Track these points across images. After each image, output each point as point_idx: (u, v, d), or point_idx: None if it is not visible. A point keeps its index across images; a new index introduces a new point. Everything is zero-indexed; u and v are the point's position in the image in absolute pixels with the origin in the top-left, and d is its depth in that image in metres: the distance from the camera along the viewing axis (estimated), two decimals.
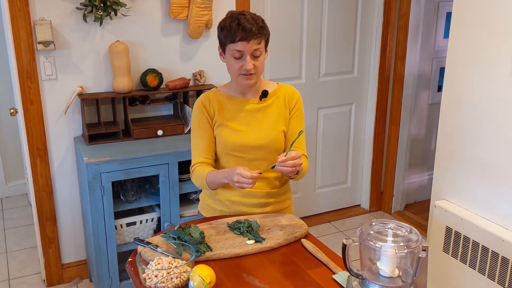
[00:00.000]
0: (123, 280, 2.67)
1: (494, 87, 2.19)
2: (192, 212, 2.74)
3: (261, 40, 1.77)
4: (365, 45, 3.59)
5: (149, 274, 1.40)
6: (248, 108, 1.90)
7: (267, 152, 1.89)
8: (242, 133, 1.88)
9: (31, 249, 3.34)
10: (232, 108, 1.90)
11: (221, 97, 1.92)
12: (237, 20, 1.74)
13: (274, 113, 1.91)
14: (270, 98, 1.91)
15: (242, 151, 1.88)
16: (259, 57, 1.79)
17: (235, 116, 1.89)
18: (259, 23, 1.77)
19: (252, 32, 1.73)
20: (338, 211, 3.89)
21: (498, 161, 2.21)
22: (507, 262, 2.13)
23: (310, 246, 1.64)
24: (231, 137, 1.88)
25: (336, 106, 3.62)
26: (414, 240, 1.31)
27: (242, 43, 1.74)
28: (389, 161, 3.82)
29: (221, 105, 1.91)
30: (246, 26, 1.72)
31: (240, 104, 1.90)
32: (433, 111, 3.82)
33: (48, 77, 2.65)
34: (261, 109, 1.90)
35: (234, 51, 1.76)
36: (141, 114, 2.92)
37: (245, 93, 1.91)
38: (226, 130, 1.89)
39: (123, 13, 2.70)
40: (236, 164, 1.89)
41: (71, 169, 2.84)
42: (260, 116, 1.90)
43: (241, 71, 1.79)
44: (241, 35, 1.73)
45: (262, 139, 1.88)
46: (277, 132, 1.90)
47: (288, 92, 1.94)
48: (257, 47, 1.76)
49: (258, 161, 1.89)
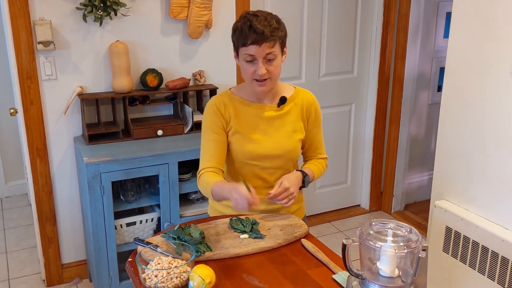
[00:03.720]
0: (123, 280, 2.67)
1: (494, 87, 2.19)
2: (192, 212, 2.74)
3: (274, 43, 1.67)
4: (365, 45, 3.59)
5: (149, 274, 1.40)
6: (265, 116, 1.82)
7: (283, 161, 1.85)
8: (258, 142, 1.81)
9: (31, 249, 3.34)
10: (249, 115, 1.82)
11: (236, 102, 1.83)
12: (249, 22, 1.65)
13: (291, 121, 1.84)
14: (288, 105, 1.84)
15: (257, 160, 1.83)
16: (273, 61, 1.70)
17: (251, 124, 1.82)
18: (273, 24, 1.66)
19: (264, 35, 1.63)
20: (338, 211, 3.89)
21: (498, 161, 2.21)
22: (507, 262, 2.13)
23: (310, 246, 1.64)
24: (247, 146, 1.81)
25: (336, 106, 3.62)
26: (414, 240, 1.31)
27: (254, 46, 1.65)
28: (389, 161, 3.82)
29: (237, 111, 1.82)
30: (257, 29, 1.63)
31: (257, 110, 1.82)
32: (433, 111, 3.82)
33: (48, 77, 2.65)
34: (279, 116, 1.83)
35: (246, 55, 1.68)
36: (141, 114, 2.92)
37: (262, 99, 1.83)
38: (242, 138, 1.81)
39: (123, 13, 2.70)
40: (250, 172, 1.85)
41: (71, 169, 2.84)
42: (277, 124, 1.83)
43: (255, 76, 1.70)
44: (253, 38, 1.63)
45: (279, 149, 1.82)
46: (294, 142, 1.85)
47: (306, 100, 1.87)
48: (270, 50, 1.66)
49: (273, 169, 1.85)
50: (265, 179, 1.87)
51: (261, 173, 1.86)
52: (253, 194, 1.58)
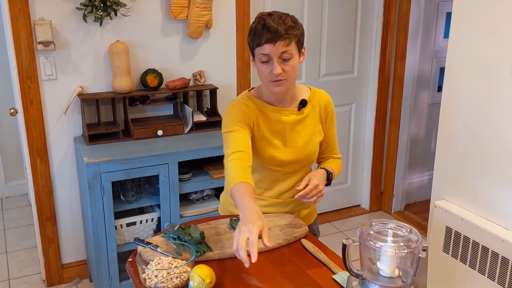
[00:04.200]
0: (123, 280, 2.67)
1: (494, 87, 2.19)
2: (192, 212, 2.74)
3: (290, 41, 1.61)
4: (365, 45, 3.59)
5: (149, 274, 1.40)
6: (286, 120, 1.78)
7: (303, 165, 1.84)
8: (280, 148, 1.78)
9: (31, 249, 3.34)
10: (270, 120, 1.77)
11: (259, 106, 1.77)
12: (263, 21, 1.61)
13: (311, 125, 1.82)
14: (307, 107, 1.82)
15: (279, 166, 1.81)
16: (289, 61, 1.64)
17: (273, 129, 1.77)
18: (288, 22, 1.62)
19: (278, 33, 1.59)
20: (338, 211, 3.89)
21: (498, 161, 2.21)
22: (507, 262, 2.13)
23: (310, 246, 1.64)
24: (270, 152, 1.78)
25: (336, 106, 3.54)
26: (414, 240, 1.31)
27: (268, 45, 1.60)
28: (389, 161, 3.82)
29: (260, 115, 1.76)
30: (271, 27, 1.59)
31: (278, 115, 1.77)
32: (433, 111, 3.82)
33: (48, 77, 2.65)
34: (300, 121, 1.80)
35: (261, 55, 1.63)
36: (141, 114, 2.92)
37: (281, 102, 1.78)
38: (263, 143, 1.77)
39: (123, 13, 2.70)
40: (268, 176, 1.82)
41: (71, 169, 2.84)
42: (298, 129, 1.80)
43: (271, 77, 1.65)
44: (267, 37, 1.59)
45: (300, 154, 1.80)
46: (315, 145, 1.83)
47: (323, 100, 1.85)
48: (285, 49, 1.61)
49: (293, 173, 1.84)
50: (282, 183, 1.85)
51: (280, 177, 1.84)
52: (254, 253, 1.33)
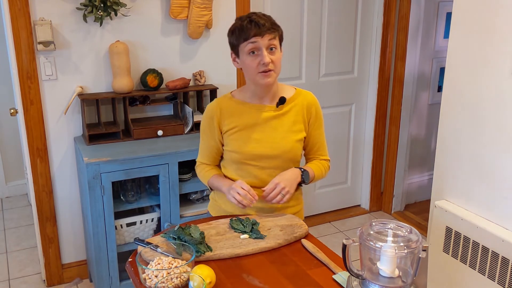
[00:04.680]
0: (123, 280, 2.67)
1: (494, 87, 2.19)
2: (192, 212, 2.74)
3: (275, 35, 1.74)
4: (365, 46, 3.59)
5: (149, 274, 1.40)
6: (264, 116, 1.85)
7: (281, 162, 1.85)
8: (256, 142, 1.83)
9: (31, 249, 3.34)
10: (247, 116, 1.85)
11: (235, 103, 1.87)
12: (248, 18, 1.74)
13: (289, 122, 1.86)
14: (288, 105, 1.86)
15: (255, 160, 1.84)
16: (276, 52, 1.75)
17: (250, 124, 1.84)
18: (272, 20, 1.76)
19: (265, 27, 1.71)
20: (338, 211, 3.89)
21: (498, 161, 2.21)
22: (507, 262, 2.13)
23: (310, 246, 1.64)
24: (245, 146, 1.83)
25: (336, 107, 3.62)
26: (414, 240, 1.31)
27: (257, 38, 1.71)
28: (389, 161, 3.82)
29: (234, 113, 1.86)
30: (259, 22, 1.72)
31: (256, 110, 1.85)
32: (433, 111, 3.82)
33: (48, 77, 2.65)
34: (277, 116, 1.85)
35: (250, 44, 1.72)
36: (141, 114, 2.92)
37: (262, 98, 1.85)
38: (240, 138, 1.84)
39: (123, 13, 2.70)
40: (248, 172, 1.86)
41: (71, 169, 2.84)
42: (275, 124, 1.85)
43: (260, 68, 1.74)
44: (255, 31, 1.71)
45: (276, 149, 1.83)
46: (292, 142, 1.85)
47: (307, 101, 1.89)
48: (272, 40, 1.73)
49: (272, 169, 1.85)
50: (263, 179, 1.86)
51: (260, 174, 1.86)
52: (251, 192, 1.74)
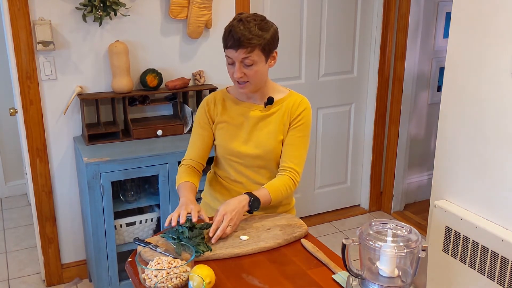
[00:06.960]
0: (122, 280, 2.67)
1: (494, 87, 2.19)
2: None
3: (252, 49, 1.70)
4: (365, 45, 3.59)
5: (149, 274, 1.40)
6: (251, 115, 1.87)
7: (265, 161, 1.87)
8: (240, 140, 1.86)
9: (31, 249, 3.34)
10: (236, 113, 1.88)
11: (228, 100, 1.91)
12: (232, 26, 1.71)
13: (276, 122, 1.86)
14: (276, 106, 1.87)
15: (239, 157, 1.88)
16: (252, 66, 1.73)
17: (237, 122, 1.88)
18: (253, 31, 1.68)
19: (239, 41, 1.68)
20: (338, 211, 3.89)
21: (498, 161, 2.21)
22: (507, 262, 2.13)
23: (310, 246, 1.64)
24: (230, 143, 1.87)
25: (335, 106, 3.62)
26: (413, 240, 1.31)
27: (231, 50, 1.71)
28: (389, 161, 3.82)
29: (226, 107, 1.90)
30: (235, 34, 1.68)
31: (245, 109, 1.88)
32: (432, 111, 3.82)
33: (48, 77, 2.65)
34: (264, 117, 1.87)
35: (227, 57, 1.76)
36: (141, 114, 2.92)
37: (250, 98, 1.89)
38: (226, 134, 1.88)
39: (123, 13, 2.70)
40: (232, 168, 1.89)
41: (71, 169, 2.84)
42: (261, 124, 1.87)
43: (234, 78, 1.78)
44: (230, 43, 1.70)
45: (259, 149, 1.86)
46: (276, 143, 1.86)
47: (294, 102, 1.87)
48: (246, 55, 1.70)
49: (257, 168, 1.88)
50: (248, 176, 1.90)
51: (244, 171, 1.90)
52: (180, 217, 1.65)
